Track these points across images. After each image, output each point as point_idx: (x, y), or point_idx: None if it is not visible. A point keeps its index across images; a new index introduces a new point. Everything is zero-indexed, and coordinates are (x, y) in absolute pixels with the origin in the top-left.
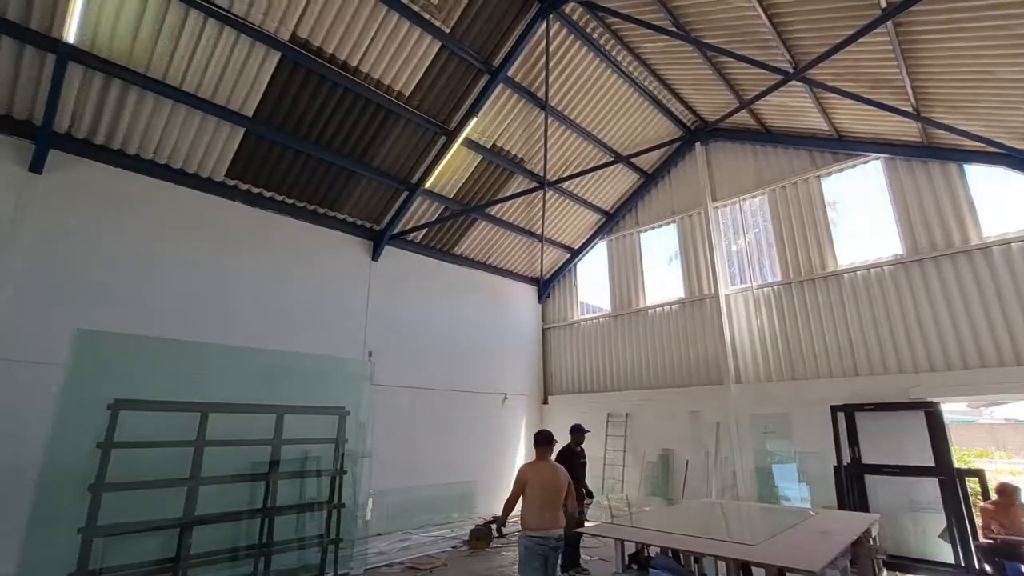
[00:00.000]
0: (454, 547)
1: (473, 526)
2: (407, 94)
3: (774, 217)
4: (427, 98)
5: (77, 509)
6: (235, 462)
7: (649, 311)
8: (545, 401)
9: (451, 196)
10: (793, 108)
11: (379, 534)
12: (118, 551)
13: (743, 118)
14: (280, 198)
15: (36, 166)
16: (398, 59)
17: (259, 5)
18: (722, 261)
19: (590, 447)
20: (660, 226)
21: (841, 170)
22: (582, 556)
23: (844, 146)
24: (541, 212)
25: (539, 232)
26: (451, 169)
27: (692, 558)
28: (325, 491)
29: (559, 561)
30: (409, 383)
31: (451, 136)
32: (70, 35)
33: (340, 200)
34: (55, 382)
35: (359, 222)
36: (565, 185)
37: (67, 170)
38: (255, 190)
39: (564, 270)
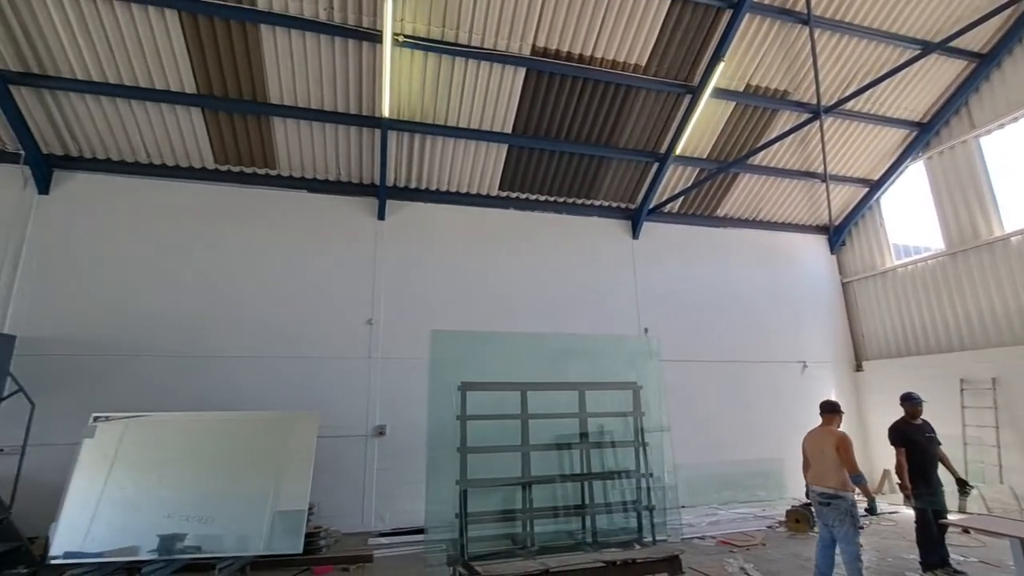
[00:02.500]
0: (769, 527)
1: (789, 507)
2: (643, 64)
3: None
4: (664, 61)
5: (451, 466)
6: (542, 434)
7: (1012, 240)
8: (859, 367)
9: (705, 156)
10: None
11: (683, 507)
12: (472, 501)
13: None
14: (543, 198)
15: (380, 214)
16: (629, 32)
17: (501, 32)
18: None
19: (937, 423)
20: (1016, 120)
21: None
22: (952, 556)
23: None
24: (820, 146)
25: (821, 171)
26: (701, 128)
27: None
28: (622, 462)
29: (843, 522)
30: (690, 356)
31: (697, 92)
32: (384, 111)
33: (594, 187)
34: (419, 370)
35: (614, 204)
36: (848, 106)
37: (399, 213)
38: (522, 196)
39: (862, 209)
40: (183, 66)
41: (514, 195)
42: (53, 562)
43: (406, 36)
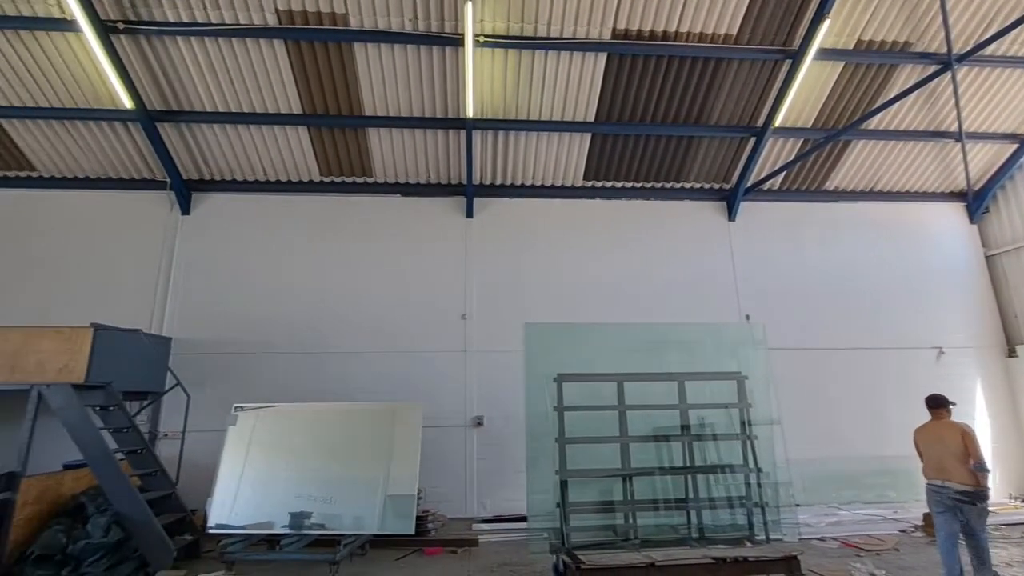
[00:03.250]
0: (903, 531)
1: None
2: (734, 34)
3: None
4: (758, 27)
5: (550, 456)
6: (637, 426)
7: None
8: (1011, 353)
9: (810, 125)
10: None
11: (798, 505)
12: (571, 491)
13: None
14: (630, 185)
15: (469, 212)
16: (717, 1)
17: (580, 20)
18: None
19: None
20: None
21: None
22: None
23: None
24: (954, 101)
25: (954, 130)
26: (804, 95)
27: None
28: (725, 456)
29: (981, 516)
30: (800, 344)
31: (797, 56)
32: (468, 112)
33: (685, 169)
34: (512, 362)
35: (707, 185)
36: (988, 51)
37: (486, 210)
38: (608, 184)
39: (1010, 169)
40: (290, 90)
41: (599, 184)
42: (210, 532)
43: (486, 36)
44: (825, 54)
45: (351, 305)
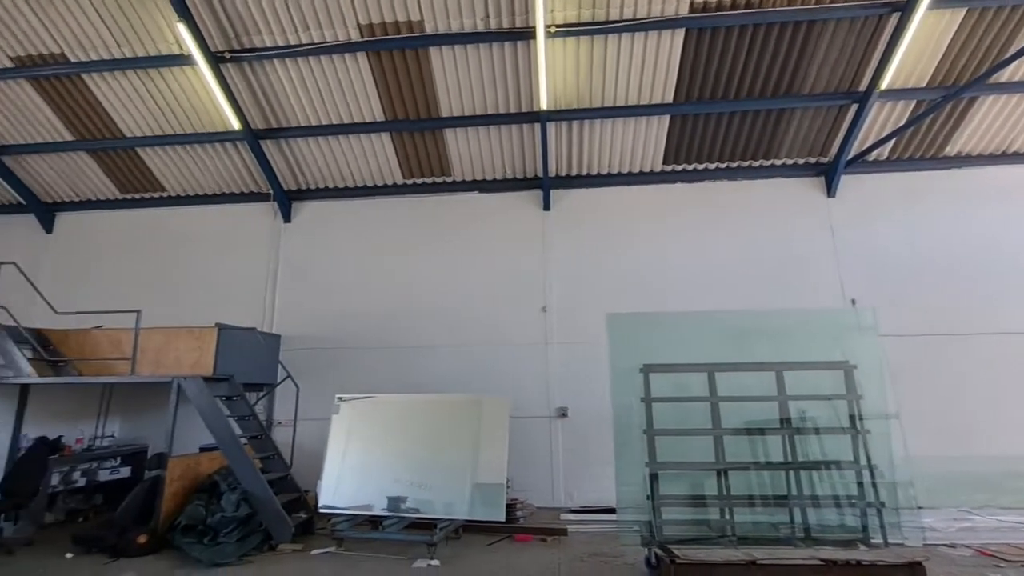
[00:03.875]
0: None
1: None
2: None
3: None
4: None
5: (637, 448)
6: (728, 419)
7: None
8: None
9: (923, 85)
10: None
11: (920, 507)
12: (661, 485)
13: None
14: (714, 166)
15: (546, 205)
16: None
17: None
18: None
19: None
20: None
21: None
22: None
23: None
24: None
25: None
26: (917, 51)
27: None
28: (831, 452)
29: None
30: (917, 330)
31: (907, 7)
32: (542, 104)
33: (775, 144)
34: (594, 354)
35: (801, 160)
36: None
37: (563, 201)
38: (690, 167)
39: None
40: (372, 99)
41: (680, 167)
42: (321, 511)
43: (558, 26)
44: (941, 1)
45: (435, 301)
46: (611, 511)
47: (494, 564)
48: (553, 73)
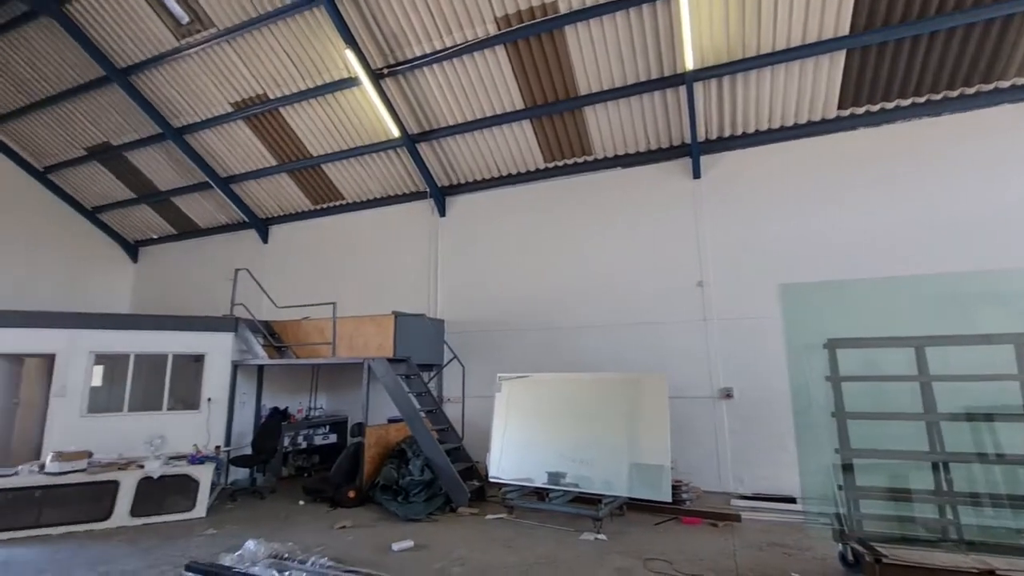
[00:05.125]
0: None
1: None
2: None
3: None
4: None
5: (821, 433)
6: (939, 402)
7: None
8: None
9: None
10: None
11: None
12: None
13: None
14: (907, 102)
15: (695, 172)
16: None
17: None
18: None
19: None
20: None
21: None
22: None
23: None
24: None
25: None
26: None
27: None
28: None
29: None
30: None
31: None
32: (687, 64)
33: (997, 64)
34: (760, 329)
35: None
36: None
37: (715, 167)
38: (874, 108)
39: None
40: (512, 89)
41: (860, 110)
42: (491, 481)
43: None
44: None
45: (585, 281)
46: (789, 500)
47: (664, 544)
48: (698, 27)
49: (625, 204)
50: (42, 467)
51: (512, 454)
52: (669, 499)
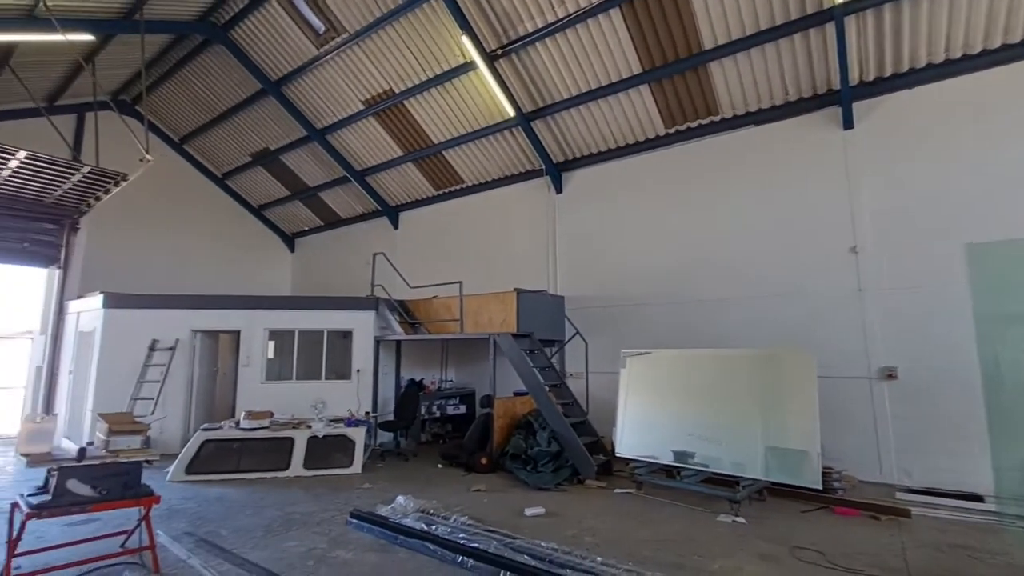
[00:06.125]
0: None
1: None
2: None
3: None
4: None
5: (1021, 420)
6: None
7: None
8: None
9: None
10: None
11: None
12: None
13: None
14: None
15: (847, 122)
16: None
17: None
18: None
19: None
20: None
21: None
22: None
23: None
24: None
25: None
26: None
27: None
28: None
29: None
30: None
31: None
32: None
33: None
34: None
35: None
36: None
37: (872, 114)
38: None
39: None
40: (628, 52)
41: None
42: (618, 456)
43: None
44: None
45: (716, 251)
46: (974, 498)
47: (814, 534)
48: None
49: (759, 165)
50: (237, 423)
51: (636, 430)
52: (820, 486)
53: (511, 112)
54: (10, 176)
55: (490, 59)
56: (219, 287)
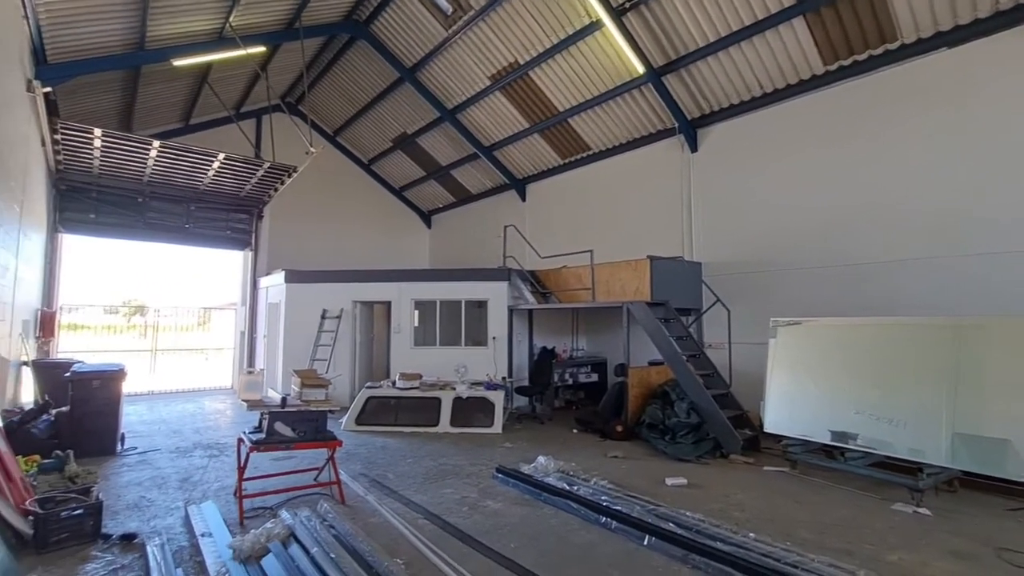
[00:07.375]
0: None
1: None
2: None
3: None
4: None
5: None
6: None
7: None
8: None
9: None
10: None
11: None
12: None
13: None
14: None
15: None
16: None
17: None
18: None
19: None
20: None
21: None
22: None
23: None
24: None
25: None
26: None
27: None
28: None
29: None
30: None
31: None
32: None
33: None
34: None
35: None
36: None
37: None
38: None
39: None
40: None
41: None
42: (766, 431)
43: None
44: None
45: (887, 207)
46: None
47: None
48: None
49: (953, 96)
50: (393, 383)
51: (786, 405)
52: None
53: (640, 69)
54: (214, 175)
55: (617, 14)
56: (370, 263)
